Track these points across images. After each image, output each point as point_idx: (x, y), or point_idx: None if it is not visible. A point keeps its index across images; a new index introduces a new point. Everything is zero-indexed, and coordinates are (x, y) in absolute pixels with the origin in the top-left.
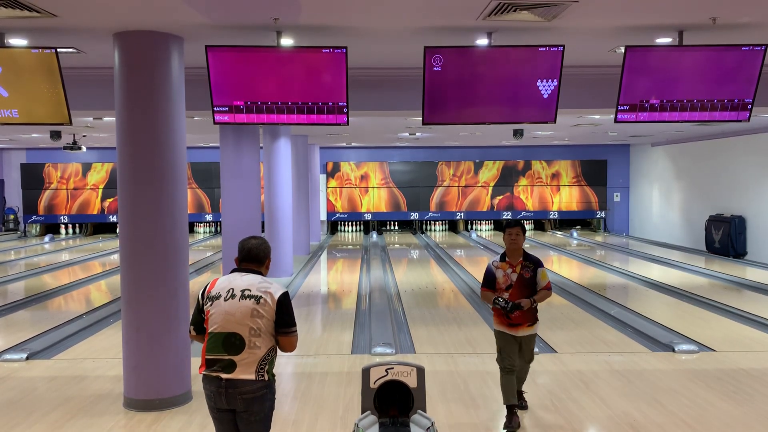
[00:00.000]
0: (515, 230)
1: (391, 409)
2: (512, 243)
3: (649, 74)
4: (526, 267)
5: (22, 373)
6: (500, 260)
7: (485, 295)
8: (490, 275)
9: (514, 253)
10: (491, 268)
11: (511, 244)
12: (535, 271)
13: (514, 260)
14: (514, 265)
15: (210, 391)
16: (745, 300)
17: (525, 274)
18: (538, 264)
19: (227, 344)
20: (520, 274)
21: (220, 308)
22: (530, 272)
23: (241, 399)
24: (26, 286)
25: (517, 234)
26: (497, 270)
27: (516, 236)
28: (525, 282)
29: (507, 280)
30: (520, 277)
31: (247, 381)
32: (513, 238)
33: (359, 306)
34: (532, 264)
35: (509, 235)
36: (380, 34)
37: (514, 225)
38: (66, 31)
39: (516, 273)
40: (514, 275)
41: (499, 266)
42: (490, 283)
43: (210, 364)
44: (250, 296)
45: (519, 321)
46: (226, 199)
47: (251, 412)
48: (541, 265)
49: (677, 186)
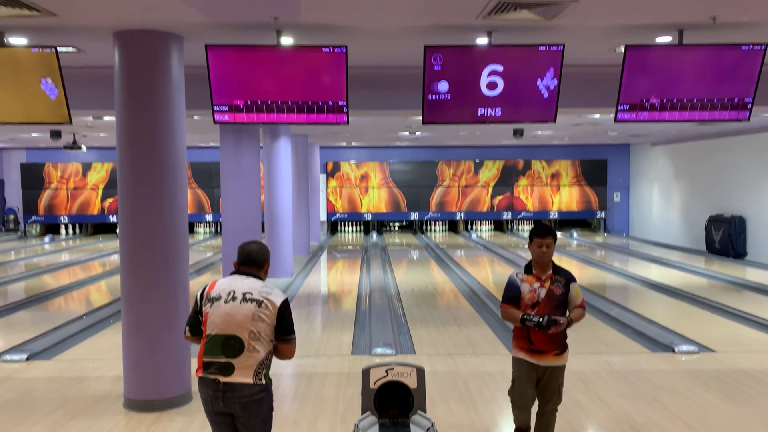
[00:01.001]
0: (547, 240)
1: (391, 409)
2: (542, 256)
3: (649, 73)
4: (556, 282)
5: (22, 374)
6: (525, 272)
7: (508, 313)
8: (514, 289)
9: (543, 265)
10: (515, 281)
11: (541, 257)
12: (567, 286)
13: (543, 273)
14: (543, 279)
15: (207, 395)
16: (745, 300)
17: (555, 289)
18: (571, 279)
19: (226, 347)
20: (549, 289)
21: (220, 310)
22: (561, 288)
23: (239, 403)
24: (26, 286)
25: (549, 245)
26: (523, 284)
27: (547, 248)
28: (555, 299)
29: (534, 296)
30: (550, 293)
31: (245, 385)
32: (544, 251)
33: (359, 306)
34: (564, 278)
35: (539, 246)
36: (380, 33)
37: (545, 233)
38: (66, 30)
39: (545, 288)
40: (542, 291)
41: (525, 279)
42: (513, 299)
43: (207, 366)
44: (251, 299)
45: (544, 347)
46: (226, 199)
47: (249, 416)
48: (574, 280)
49: (677, 186)
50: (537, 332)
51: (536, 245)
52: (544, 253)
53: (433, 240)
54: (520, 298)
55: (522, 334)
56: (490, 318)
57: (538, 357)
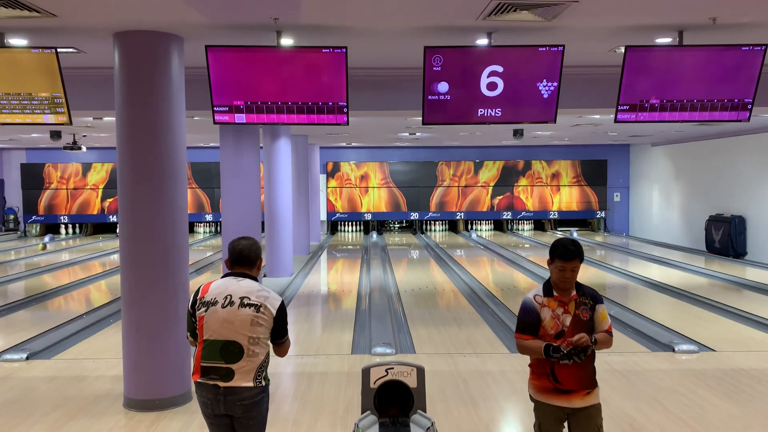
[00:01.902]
0: (572, 264)
1: (391, 409)
2: (565, 282)
3: (649, 74)
4: (582, 305)
5: (22, 373)
6: (544, 294)
7: (526, 344)
8: (532, 315)
9: (566, 287)
10: (532, 305)
11: (563, 282)
12: (593, 308)
13: (566, 295)
14: (566, 302)
15: (207, 399)
16: (745, 300)
17: (582, 314)
18: (597, 298)
19: (225, 352)
20: (575, 315)
21: (217, 315)
22: (589, 311)
23: (240, 405)
24: (26, 286)
25: (574, 269)
26: (543, 309)
27: (572, 272)
28: (583, 327)
29: (557, 324)
30: (577, 320)
31: (245, 388)
32: (567, 276)
33: (359, 306)
34: (590, 299)
35: (560, 270)
36: (380, 34)
37: (571, 257)
38: (66, 31)
39: (570, 314)
40: (567, 317)
41: (545, 303)
42: (531, 328)
43: (206, 371)
44: (249, 304)
45: (572, 385)
46: (226, 199)
47: (249, 417)
48: (601, 301)
49: (677, 186)
50: (563, 367)
51: (558, 268)
52: (568, 279)
53: (433, 240)
54: (540, 327)
55: (543, 371)
56: (490, 318)
57: (566, 398)
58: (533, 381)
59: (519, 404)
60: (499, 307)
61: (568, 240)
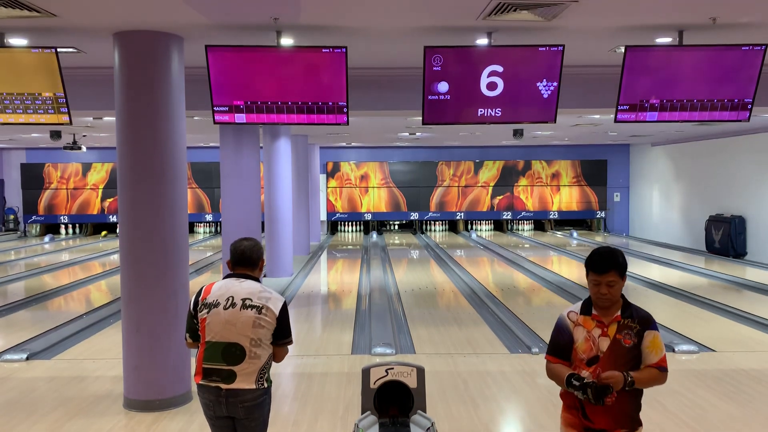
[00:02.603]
0: (607, 278)
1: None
2: (601, 299)
3: (649, 74)
4: (626, 329)
5: (22, 374)
6: (581, 311)
7: (551, 368)
8: (564, 335)
9: (604, 304)
10: (565, 323)
11: (601, 300)
12: (641, 335)
13: (607, 315)
14: (606, 323)
15: (209, 400)
16: (745, 300)
17: (625, 340)
18: (648, 323)
19: (227, 354)
20: (615, 339)
21: (219, 317)
22: (633, 337)
23: (242, 407)
24: (26, 286)
25: (612, 284)
26: (576, 328)
27: (609, 287)
28: (624, 355)
29: (592, 347)
30: (616, 346)
31: (247, 390)
32: (603, 293)
33: (359, 306)
34: (638, 323)
35: (596, 285)
36: (380, 34)
37: (605, 268)
38: (66, 31)
39: (608, 338)
40: (604, 341)
41: (580, 322)
42: (563, 350)
43: (208, 373)
44: (251, 306)
45: (604, 424)
46: (226, 199)
47: (251, 418)
48: (653, 326)
49: (677, 186)
50: None
51: (592, 282)
52: (604, 295)
53: (433, 240)
54: (572, 349)
55: (572, 404)
56: (490, 318)
57: None
58: (563, 413)
59: (519, 404)
60: (499, 307)
61: (605, 249)
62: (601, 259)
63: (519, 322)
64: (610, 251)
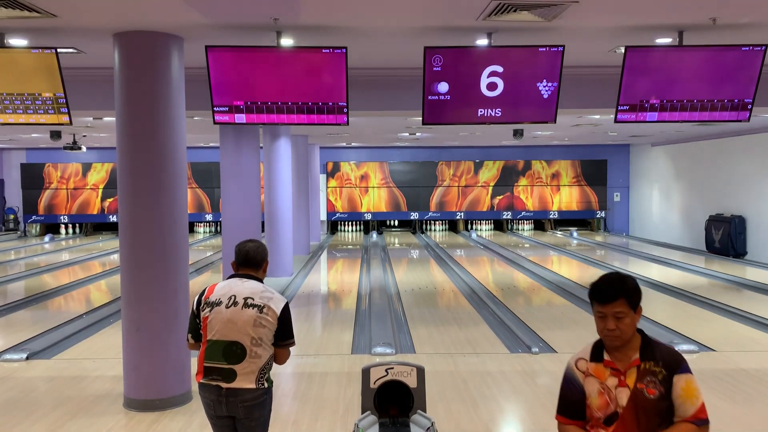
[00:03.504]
0: (614, 308)
1: (391, 409)
2: (610, 336)
3: (649, 74)
4: (649, 375)
5: (22, 373)
6: (591, 358)
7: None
8: (574, 390)
9: (620, 347)
10: (574, 374)
11: (610, 338)
12: (669, 381)
13: (622, 359)
14: (623, 369)
15: (209, 400)
16: (745, 300)
17: (649, 390)
18: (676, 365)
19: (228, 353)
20: (636, 390)
21: (221, 315)
22: (659, 386)
23: (242, 406)
24: (26, 286)
25: (618, 315)
26: (588, 379)
27: (617, 321)
28: (650, 408)
29: (608, 402)
30: (638, 397)
31: (247, 390)
32: (611, 327)
33: (359, 306)
34: (663, 367)
35: (601, 319)
36: (380, 34)
37: (614, 295)
38: (66, 31)
39: (627, 388)
40: (623, 393)
41: (591, 371)
42: (574, 409)
43: (209, 372)
44: (253, 305)
45: None
46: (226, 199)
47: (252, 418)
48: (683, 368)
49: (677, 186)
50: None
51: (597, 317)
52: (611, 331)
53: (433, 239)
54: (585, 406)
55: None
56: (490, 317)
57: None
58: None
59: (519, 404)
60: (499, 306)
61: (611, 274)
62: (604, 285)
63: (519, 322)
64: (616, 276)
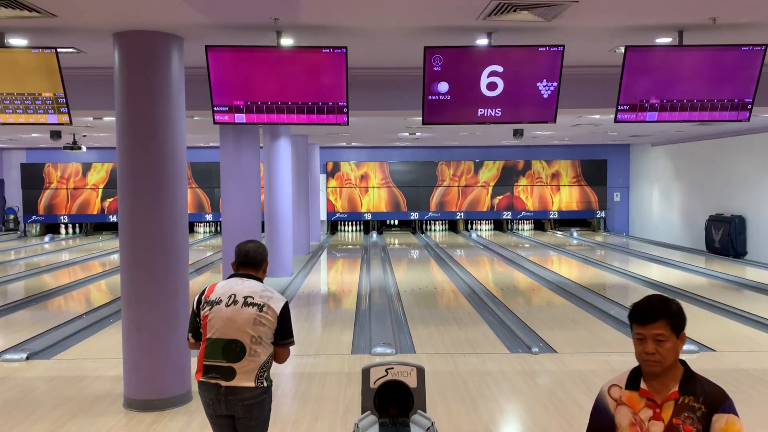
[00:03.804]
0: (654, 329)
1: (391, 409)
2: (647, 362)
3: (649, 74)
4: (687, 410)
5: (22, 373)
6: (627, 385)
7: None
8: (605, 419)
9: (656, 374)
10: (605, 402)
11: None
12: (708, 419)
13: (660, 390)
14: (659, 401)
15: (209, 399)
16: (745, 300)
17: (685, 427)
18: (718, 403)
19: (227, 351)
20: (671, 424)
21: (221, 314)
22: (696, 423)
23: (241, 405)
24: (26, 286)
25: (658, 338)
26: (620, 408)
27: (657, 344)
28: None
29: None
30: (672, 431)
31: (246, 388)
32: (650, 351)
33: (359, 306)
34: (703, 403)
35: (640, 342)
36: (380, 34)
37: (655, 315)
38: (66, 31)
39: (662, 422)
40: (656, 427)
41: (625, 399)
42: None
43: (208, 370)
44: (252, 304)
45: None
46: (226, 199)
47: (251, 418)
48: (727, 407)
49: (677, 186)
50: None
51: (636, 339)
52: (651, 355)
53: (433, 239)
54: None
55: None
56: (490, 317)
57: None
58: None
59: (519, 404)
60: (499, 307)
61: (653, 296)
62: (645, 305)
63: (519, 322)
64: (658, 297)
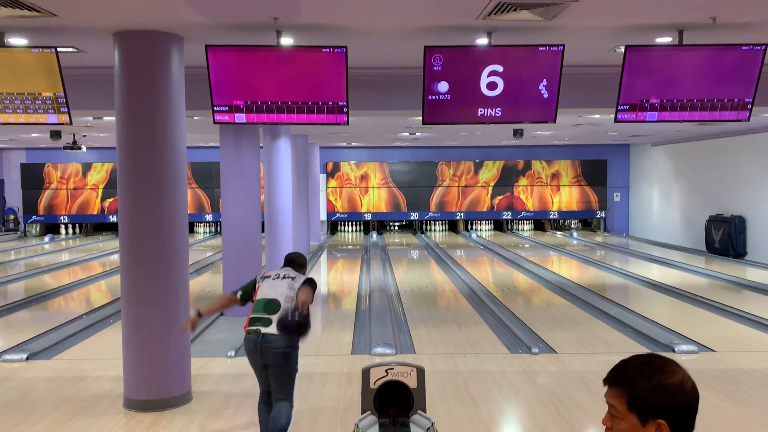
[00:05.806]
0: (607, 396)
1: (391, 409)
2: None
3: (649, 74)
4: None
5: (22, 374)
6: None
7: None
8: None
9: None
10: None
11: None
12: None
13: None
14: None
15: (250, 348)
16: (745, 300)
17: None
18: None
19: (268, 307)
20: None
21: (269, 283)
22: None
23: (272, 353)
24: (26, 286)
25: (612, 411)
26: None
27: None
28: None
29: None
30: None
31: (278, 336)
32: (603, 423)
33: (359, 306)
34: None
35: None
36: (380, 34)
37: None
38: (66, 31)
39: None
40: None
41: None
42: None
43: (253, 322)
44: (287, 276)
45: None
46: (226, 199)
47: (278, 365)
48: None
49: (677, 186)
50: None
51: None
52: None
53: (433, 240)
54: None
55: None
56: (490, 318)
57: None
58: None
59: (519, 404)
60: (499, 307)
61: (635, 356)
62: (617, 364)
63: (519, 322)
64: (633, 358)
